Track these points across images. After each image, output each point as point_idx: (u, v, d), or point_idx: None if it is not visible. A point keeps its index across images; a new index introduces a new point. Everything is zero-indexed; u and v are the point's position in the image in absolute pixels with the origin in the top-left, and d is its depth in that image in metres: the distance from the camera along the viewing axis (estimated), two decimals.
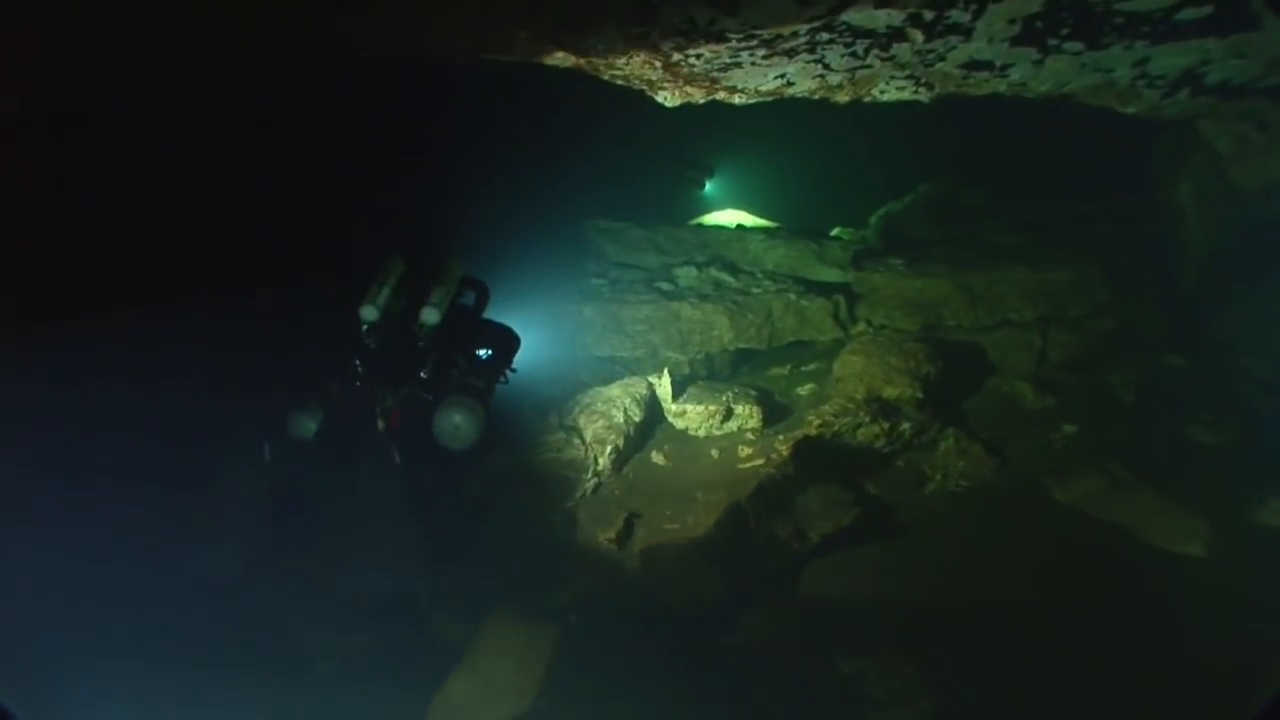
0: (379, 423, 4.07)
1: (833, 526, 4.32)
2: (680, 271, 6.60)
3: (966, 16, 3.64)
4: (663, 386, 5.53)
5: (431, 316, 3.99)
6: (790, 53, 3.96)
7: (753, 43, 3.81)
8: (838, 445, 4.91)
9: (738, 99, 4.57)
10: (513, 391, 4.97)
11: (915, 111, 5.80)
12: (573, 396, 5.50)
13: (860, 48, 3.94)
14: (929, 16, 3.63)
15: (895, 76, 4.29)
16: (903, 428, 5.00)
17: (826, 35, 3.78)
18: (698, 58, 3.97)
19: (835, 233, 7.71)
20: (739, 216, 8.69)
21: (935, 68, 4.17)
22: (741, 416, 5.33)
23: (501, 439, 4.92)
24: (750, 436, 5.24)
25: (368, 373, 4.07)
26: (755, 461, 4.82)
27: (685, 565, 4.12)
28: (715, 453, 5.11)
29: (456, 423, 3.93)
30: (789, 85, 4.40)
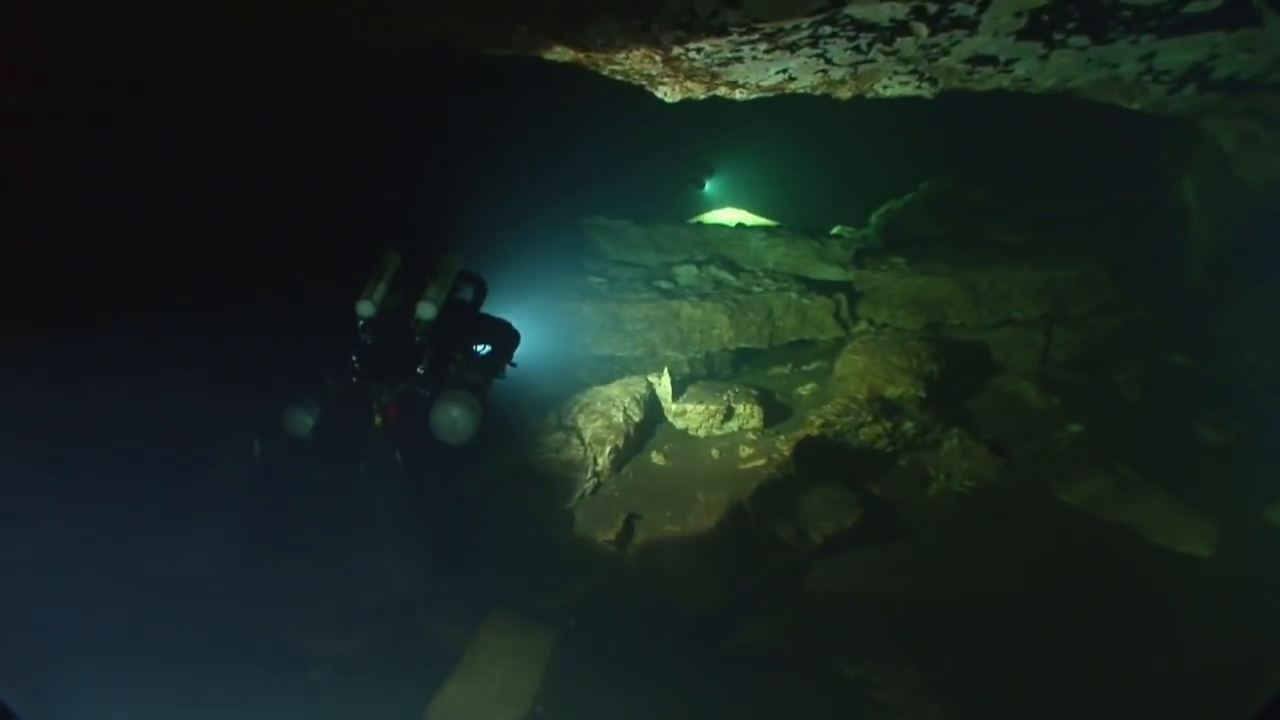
0: (376, 419, 4.05)
1: (835, 527, 4.27)
2: (680, 270, 6.54)
3: (972, 10, 3.59)
4: (662, 386, 5.47)
5: (427, 311, 4.00)
6: (792, 47, 3.90)
7: (754, 36, 3.76)
8: (840, 445, 4.86)
9: (738, 94, 4.51)
10: (511, 391, 4.93)
11: (915, 110, 5.77)
12: (571, 396, 5.45)
13: (863, 42, 3.88)
14: (933, 9, 3.58)
15: (898, 71, 4.23)
16: (905, 427, 4.95)
17: (829, 29, 3.73)
18: (698, 52, 3.92)
19: (836, 231, 7.64)
20: (739, 215, 8.65)
21: (939, 62, 4.11)
22: (742, 416, 5.28)
23: (500, 438, 4.90)
24: (751, 436, 5.19)
25: (364, 368, 4.07)
26: (756, 462, 4.77)
27: (686, 567, 4.07)
28: (716, 453, 5.05)
29: (454, 417, 3.93)
30: (790, 80, 4.34)
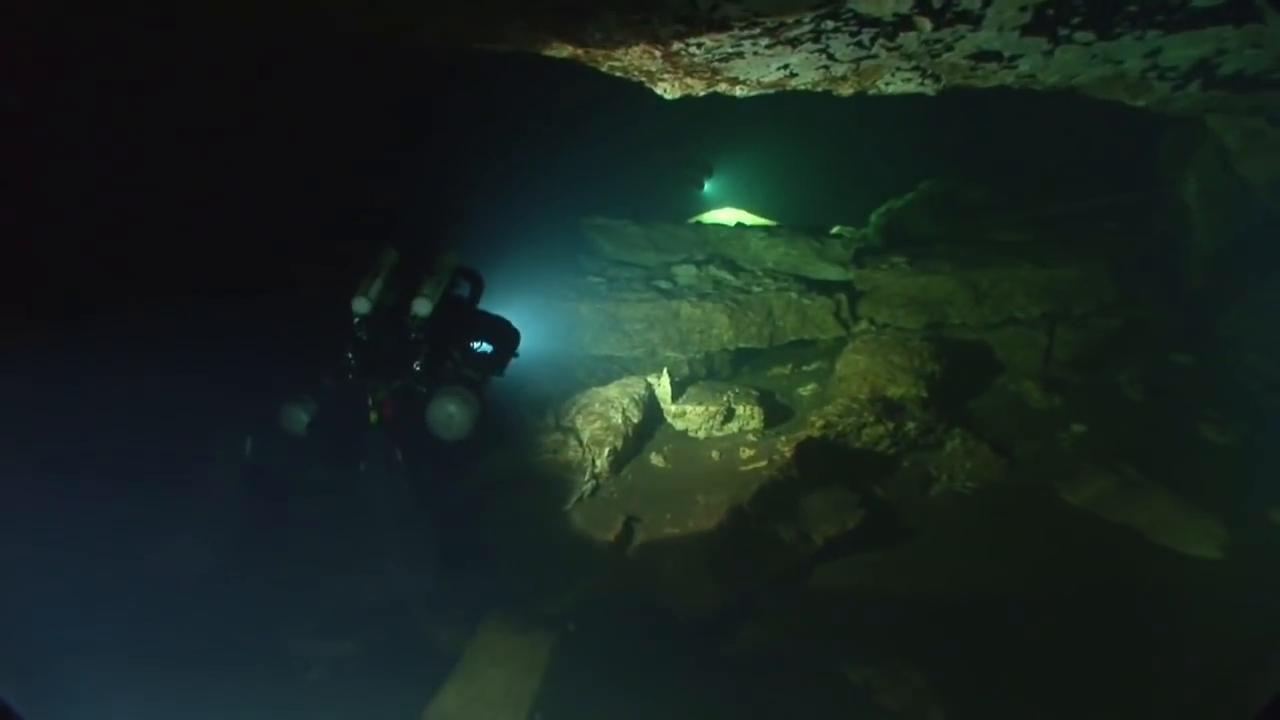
0: (372, 415, 4.01)
1: (837, 529, 4.21)
2: (679, 269, 6.49)
3: (977, 3, 3.53)
4: (662, 387, 5.41)
5: (423, 308, 3.97)
6: (794, 42, 3.85)
7: (755, 31, 3.70)
8: (841, 446, 4.80)
9: (739, 91, 4.45)
10: (508, 391, 4.88)
11: (915, 110, 5.74)
12: (569, 396, 5.39)
13: (866, 37, 3.83)
14: (938, 3, 3.53)
15: (901, 68, 4.18)
16: (907, 428, 4.89)
17: (832, 23, 3.67)
18: (699, 47, 3.86)
19: (835, 231, 7.60)
20: (738, 215, 8.60)
21: (942, 58, 4.06)
22: (743, 417, 5.22)
23: (499, 438, 4.86)
24: (752, 437, 5.13)
25: (360, 365, 4.04)
26: (757, 463, 4.71)
27: (686, 569, 4.01)
28: (716, 454, 5.00)
29: (450, 413, 3.90)
30: (792, 77, 4.29)
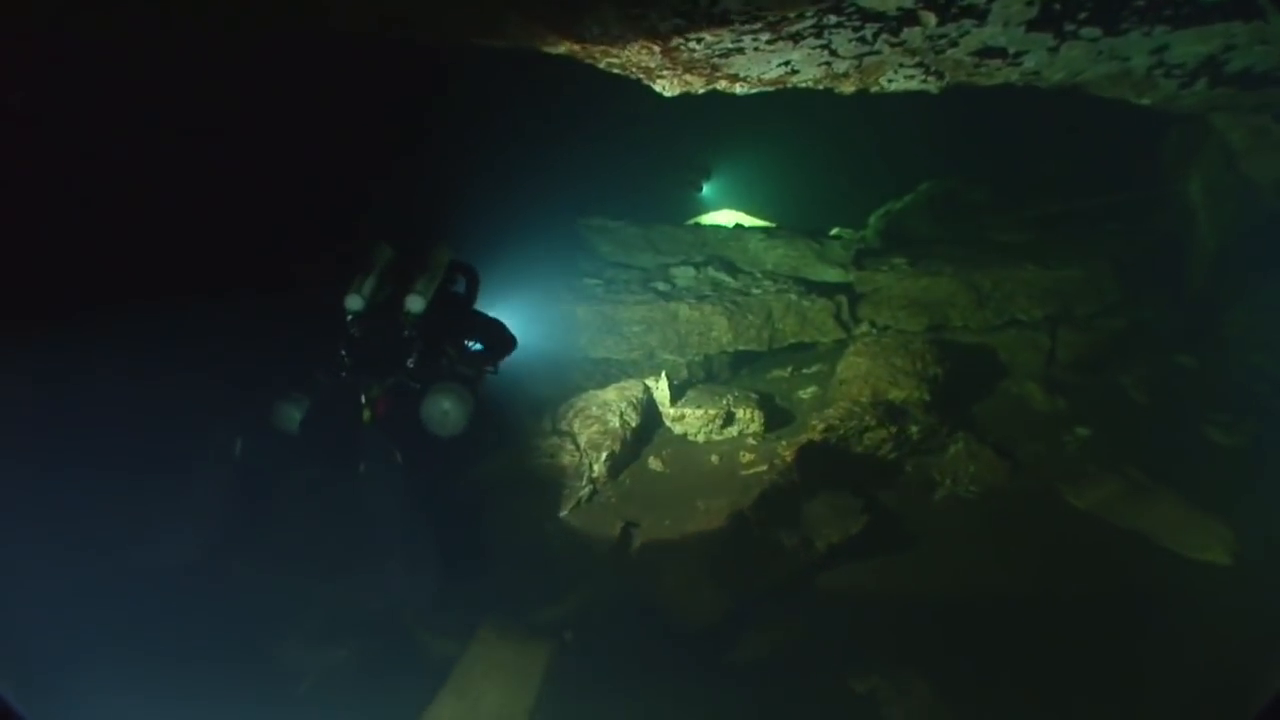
0: (365, 412, 3.95)
1: (841, 535, 4.12)
2: (677, 271, 6.40)
3: None
4: (660, 390, 5.32)
5: (416, 305, 3.94)
6: (795, 37, 3.77)
7: (757, 26, 3.62)
8: (843, 450, 4.71)
9: (739, 88, 4.36)
10: (504, 394, 4.80)
11: (915, 111, 5.67)
12: (566, 400, 5.29)
13: (869, 32, 3.75)
14: None
15: (904, 64, 4.10)
16: (910, 431, 4.81)
17: (834, 18, 3.59)
18: (698, 42, 3.78)
19: (834, 233, 7.53)
20: (736, 217, 8.53)
21: (946, 54, 3.99)
22: (742, 421, 5.13)
23: (497, 436, 4.81)
24: (752, 441, 5.05)
25: (353, 362, 3.99)
26: (758, 467, 4.63)
27: (686, 577, 3.92)
28: (715, 458, 4.91)
29: (445, 409, 3.88)
30: (793, 73, 4.21)
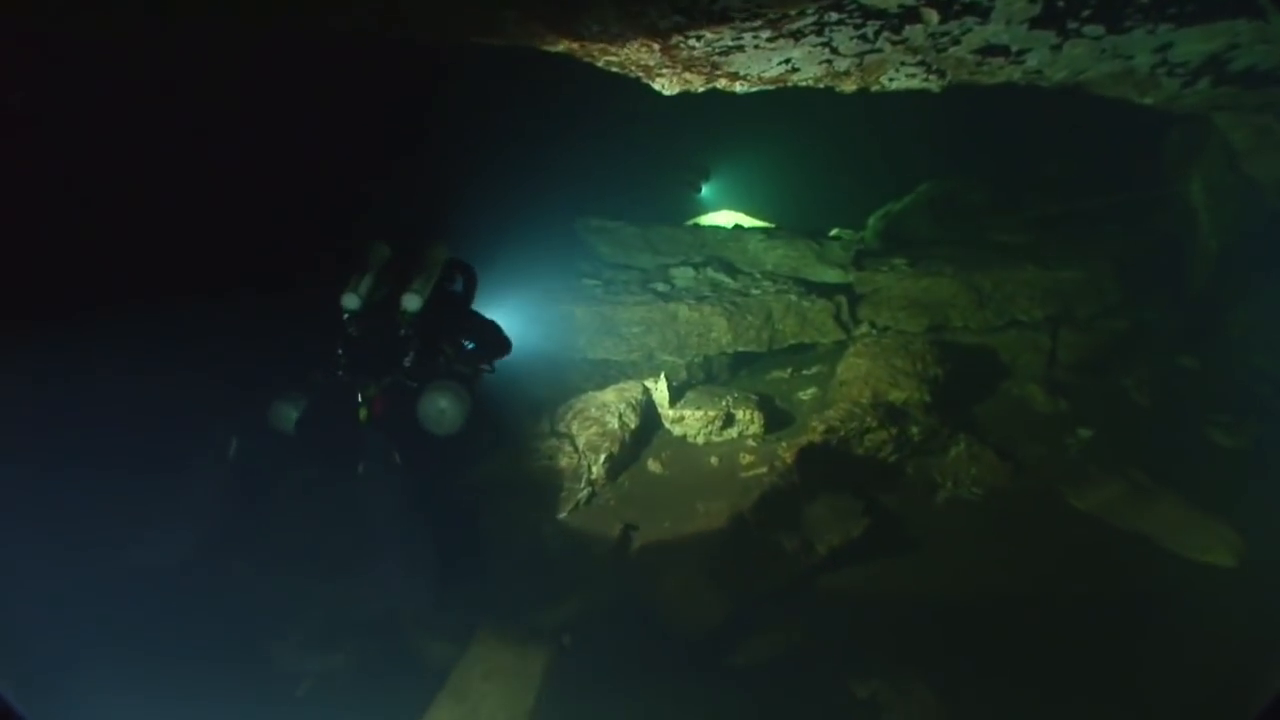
0: (361, 411, 3.92)
1: (841, 538, 4.08)
2: (677, 272, 6.36)
3: None
4: (659, 391, 5.28)
5: (412, 303, 3.92)
6: (796, 35, 3.73)
7: (757, 23, 3.58)
8: (843, 452, 4.67)
9: (739, 87, 4.33)
10: (502, 395, 4.76)
11: (914, 112, 5.63)
12: (565, 401, 5.25)
13: (871, 30, 3.71)
14: None
15: (905, 62, 4.07)
16: (911, 432, 4.78)
17: (836, 15, 3.55)
18: (698, 39, 3.74)
19: (833, 234, 7.49)
20: (735, 218, 8.49)
21: (948, 53, 3.95)
22: (742, 422, 5.10)
23: (496, 436, 4.79)
24: (751, 443, 5.01)
25: (350, 361, 3.97)
26: (758, 469, 4.59)
27: (685, 580, 3.87)
28: (715, 460, 4.87)
29: (442, 407, 3.87)
30: (793, 72, 4.17)
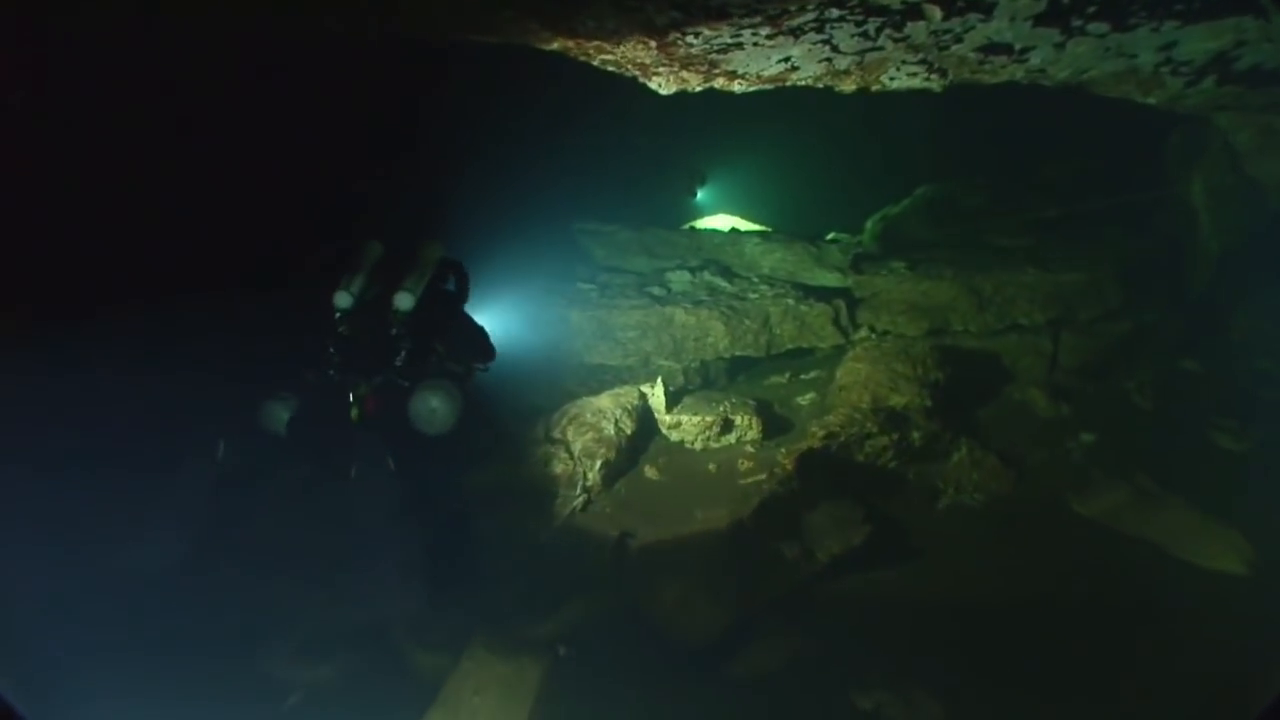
0: (353, 411, 3.87)
1: (842, 546, 4.00)
2: (673, 276, 6.29)
3: None
4: (656, 396, 5.19)
5: (405, 302, 3.89)
6: (796, 32, 3.66)
7: (756, 20, 3.51)
8: (844, 458, 4.59)
9: (737, 86, 4.26)
10: (496, 401, 4.68)
11: (913, 112, 5.57)
12: (560, 407, 5.15)
13: (872, 27, 3.64)
14: None
15: (907, 61, 4.00)
16: (912, 438, 4.70)
17: (836, 11, 3.48)
18: (696, 37, 3.67)
19: (830, 237, 7.43)
20: (731, 222, 8.42)
21: (950, 51, 3.88)
22: (740, 428, 5.01)
23: (491, 435, 4.74)
24: (750, 449, 4.92)
25: (342, 361, 3.93)
26: (757, 476, 4.50)
27: (683, 589, 3.79)
28: (713, 466, 4.78)
29: (433, 406, 3.83)
30: (793, 70, 4.10)
